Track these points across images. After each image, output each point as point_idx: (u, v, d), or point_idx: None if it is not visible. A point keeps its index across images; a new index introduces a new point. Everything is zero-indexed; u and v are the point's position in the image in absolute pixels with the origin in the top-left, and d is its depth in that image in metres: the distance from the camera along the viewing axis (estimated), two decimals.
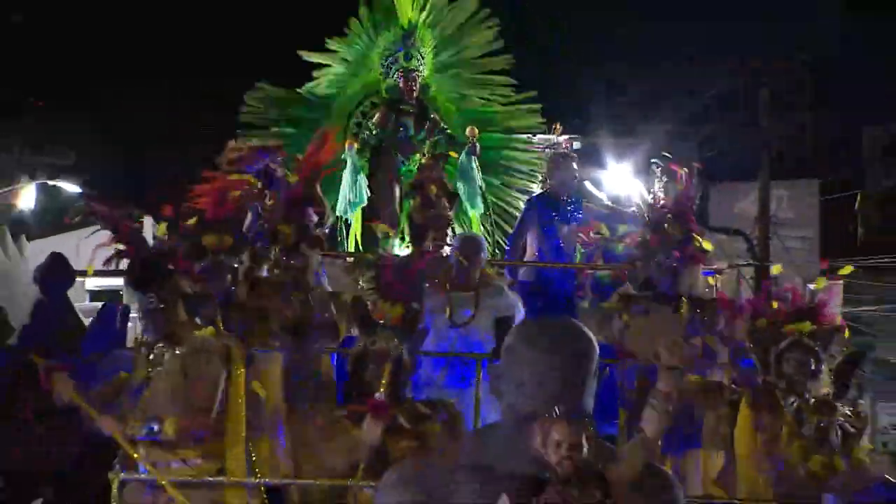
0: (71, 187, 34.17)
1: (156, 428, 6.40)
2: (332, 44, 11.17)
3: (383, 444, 6.77)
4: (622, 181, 16.37)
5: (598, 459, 4.68)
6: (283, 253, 8.21)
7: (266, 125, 12.03)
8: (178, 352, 6.58)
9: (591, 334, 5.02)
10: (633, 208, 9.69)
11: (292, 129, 11.61)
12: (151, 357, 6.70)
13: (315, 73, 11.31)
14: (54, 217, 30.22)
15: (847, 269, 6.99)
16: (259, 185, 8.76)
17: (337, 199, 10.60)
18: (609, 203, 10.76)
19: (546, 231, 10.18)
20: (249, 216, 8.44)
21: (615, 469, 4.83)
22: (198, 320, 6.96)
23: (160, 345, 6.72)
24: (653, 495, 4.80)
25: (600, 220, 10.48)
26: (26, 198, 31.96)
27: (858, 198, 30.47)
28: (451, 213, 10.05)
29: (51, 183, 34.56)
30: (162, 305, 6.61)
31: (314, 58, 11.26)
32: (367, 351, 7.02)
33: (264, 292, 8.18)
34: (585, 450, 4.52)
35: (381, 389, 6.91)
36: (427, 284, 8.39)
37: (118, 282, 8.71)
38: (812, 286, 7.04)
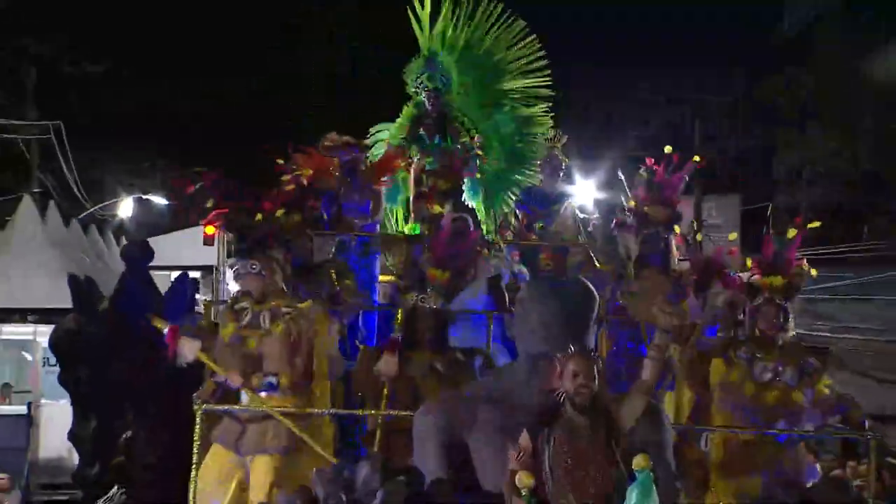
0: (159, 200, 33.93)
1: (274, 381, 6.29)
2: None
3: (417, 387, 6.59)
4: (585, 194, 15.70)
5: (606, 397, 4.69)
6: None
7: None
8: (282, 317, 6.33)
9: (591, 287, 5.31)
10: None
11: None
12: (241, 315, 6.44)
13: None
14: (146, 223, 29.63)
15: (792, 233, 6.44)
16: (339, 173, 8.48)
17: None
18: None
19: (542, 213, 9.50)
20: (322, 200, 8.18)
21: (620, 405, 4.84)
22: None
23: (245, 304, 6.51)
24: (649, 427, 4.87)
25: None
26: (125, 209, 31.59)
27: (770, 209, 30.19)
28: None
29: (143, 196, 34.21)
30: (262, 272, 6.34)
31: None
32: (417, 307, 6.84)
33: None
34: (596, 383, 4.52)
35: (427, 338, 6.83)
36: None
37: None
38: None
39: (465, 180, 9.79)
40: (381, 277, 9.17)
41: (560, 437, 4.45)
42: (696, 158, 8.70)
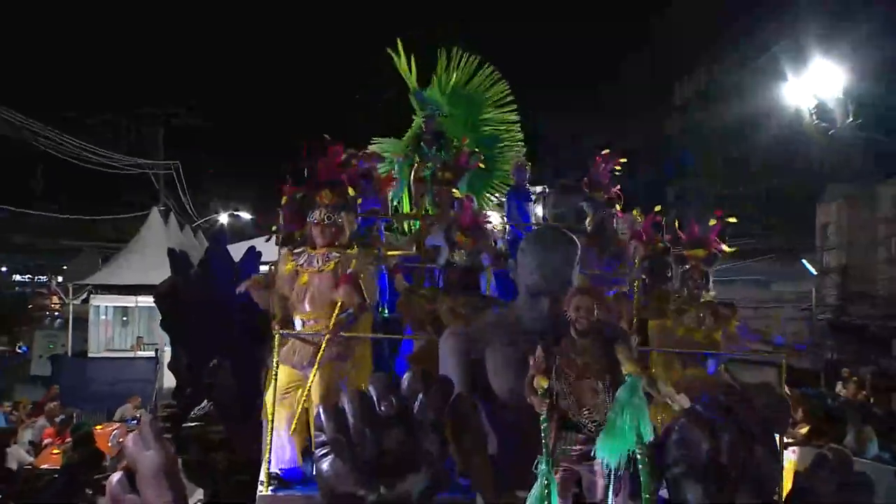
0: (245, 215, 33.83)
1: (351, 312, 5.79)
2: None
3: (438, 319, 6.20)
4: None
5: (603, 323, 4.40)
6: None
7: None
8: (335, 259, 5.90)
9: (574, 238, 5.04)
10: None
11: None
12: (300, 257, 6.01)
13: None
14: (235, 232, 29.30)
15: (712, 221, 6.43)
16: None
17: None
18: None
19: (519, 208, 9.12)
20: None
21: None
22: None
23: (301, 249, 6.06)
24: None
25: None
26: (223, 219, 31.36)
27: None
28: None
29: (235, 212, 34.09)
30: (333, 224, 5.94)
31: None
32: (451, 262, 6.50)
33: None
34: (596, 313, 4.29)
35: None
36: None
37: None
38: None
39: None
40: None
41: (564, 355, 4.18)
42: (622, 160, 8.60)
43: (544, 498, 3.87)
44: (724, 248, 6.52)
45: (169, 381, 17.27)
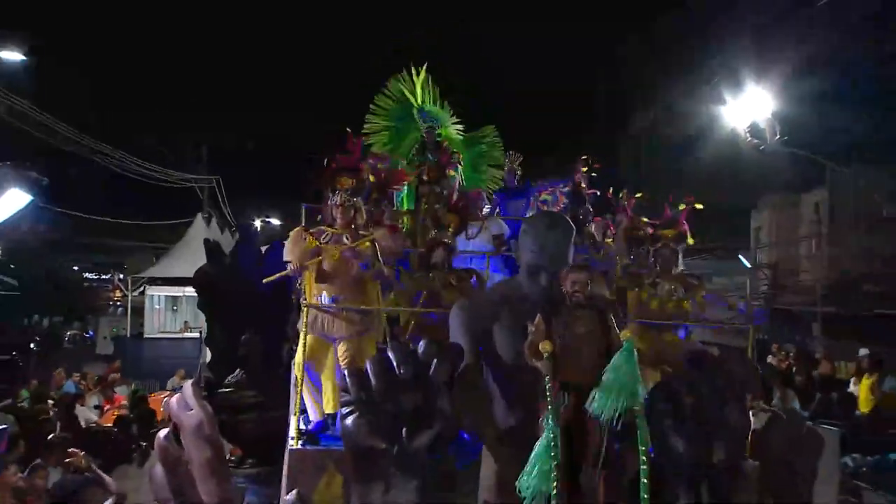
0: (276, 221, 33.69)
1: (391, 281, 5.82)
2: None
3: (439, 293, 5.83)
4: None
5: (600, 297, 4.29)
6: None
7: None
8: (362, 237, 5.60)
9: (569, 221, 4.81)
10: None
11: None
12: (320, 236, 5.61)
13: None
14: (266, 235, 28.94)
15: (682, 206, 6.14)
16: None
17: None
18: None
19: (502, 204, 8.94)
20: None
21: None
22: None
23: (322, 228, 5.68)
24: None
25: None
26: (256, 224, 31.09)
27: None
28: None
29: (266, 219, 34.00)
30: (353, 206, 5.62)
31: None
32: (435, 241, 6.06)
33: None
34: (589, 287, 4.01)
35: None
36: None
37: None
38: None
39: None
40: None
41: (562, 324, 3.89)
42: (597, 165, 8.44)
43: (551, 448, 3.59)
44: (688, 234, 6.22)
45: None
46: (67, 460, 6.30)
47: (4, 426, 6.18)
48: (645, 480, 3.53)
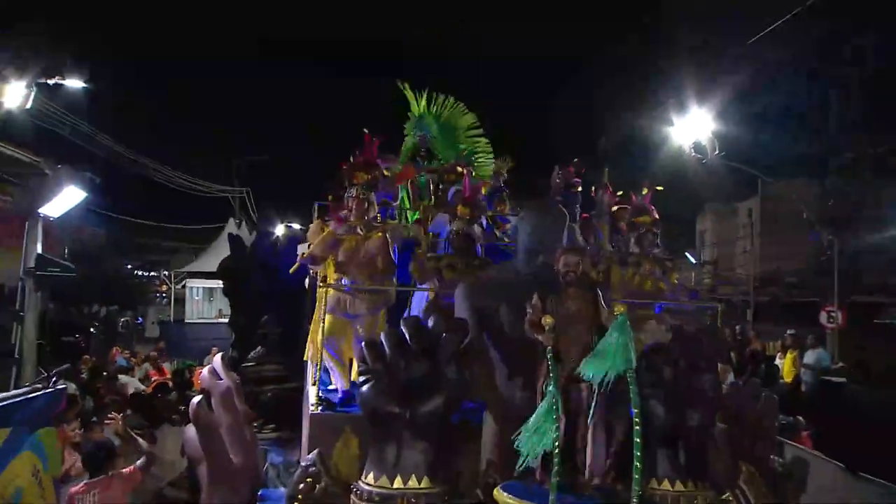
0: (296, 226, 33.48)
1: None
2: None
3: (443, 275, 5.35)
4: None
5: (591, 277, 3.77)
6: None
7: None
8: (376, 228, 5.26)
9: (564, 209, 4.51)
10: None
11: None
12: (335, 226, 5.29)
13: None
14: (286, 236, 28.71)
15: (645, 191, 5.80)
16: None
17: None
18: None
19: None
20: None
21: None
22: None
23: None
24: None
25: None
26: (279, 230, 30.67)
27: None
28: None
29: (289, 224, 33.77)
30: (366, 200, 5.25)
31: None
32: (453, 230, 5.44)
33: None
34: (581, 268, 3.67)
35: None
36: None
37: None
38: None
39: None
40: None
41: (556, 302, 3.59)
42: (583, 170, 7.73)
43: (552, 412, 3.32)
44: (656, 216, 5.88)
45: None
46: (107, 421, 6.10)
47: (63, 386, 5.94)
48: (638, 440, 3.26)
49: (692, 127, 16.17)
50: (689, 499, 3.51)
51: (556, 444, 3.30)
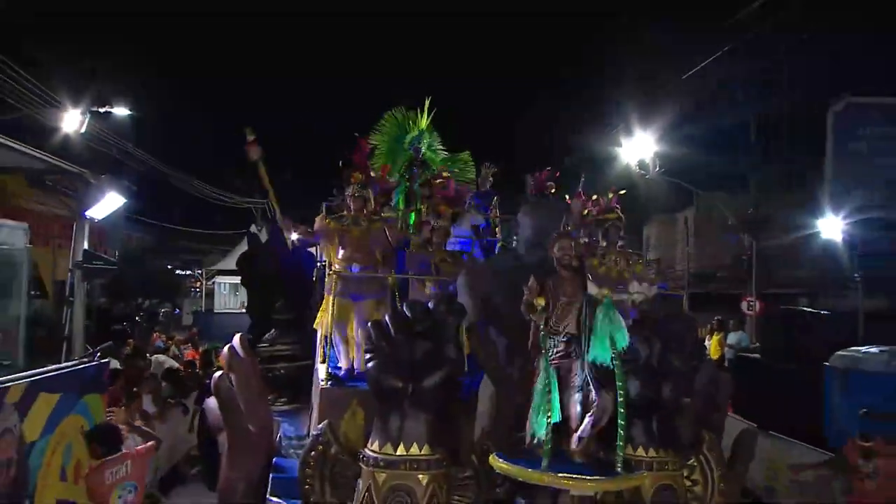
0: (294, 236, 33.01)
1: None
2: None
3: (438, 268, 5.01)
4: None
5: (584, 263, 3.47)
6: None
7: None
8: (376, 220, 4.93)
9: (560, 204, 4.35)
10: None
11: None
12: (341, 220, 4.91)
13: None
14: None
15: (611, 193, 5.41)
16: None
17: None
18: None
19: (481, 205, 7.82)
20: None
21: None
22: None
23: (342, 214, 4.98)
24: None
25: None
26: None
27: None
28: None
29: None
30: (362, 196, 4.88)
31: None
32: (433, 226, 5.20)
33: None
34: (574, 252, 3.35)
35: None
36: None
37: None
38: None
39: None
40: None
41: (553, 284, 3.26)
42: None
43: (546, 386, 3.05)
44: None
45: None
46: (110, 410, 5.65)
47: (107, 360, 5.64)
48: (622, 410, 3.00)
49: (637, 147, 15.96)
50: (661, 464, 3.32)
51: (549, 418, 3.02)
